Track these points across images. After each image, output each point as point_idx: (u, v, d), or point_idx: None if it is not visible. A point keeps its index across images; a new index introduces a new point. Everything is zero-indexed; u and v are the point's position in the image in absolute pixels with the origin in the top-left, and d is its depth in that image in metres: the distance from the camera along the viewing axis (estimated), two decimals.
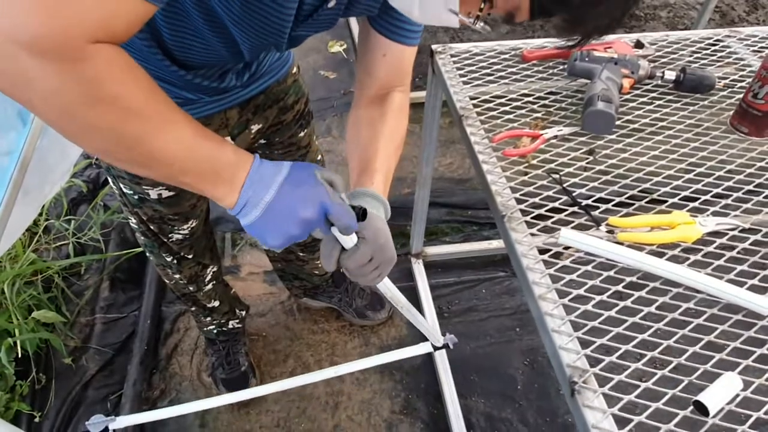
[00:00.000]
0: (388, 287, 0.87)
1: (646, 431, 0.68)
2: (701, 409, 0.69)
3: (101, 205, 1.98)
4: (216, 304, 1.44)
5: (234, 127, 1.00)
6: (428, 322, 1.20)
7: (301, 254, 1.49)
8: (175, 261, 1.23)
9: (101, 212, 1.95)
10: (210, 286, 1.37)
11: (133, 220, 1.14)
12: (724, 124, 1.11)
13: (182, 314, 1.74)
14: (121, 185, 1.02)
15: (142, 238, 1.19)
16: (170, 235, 1.15)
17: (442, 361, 1.56)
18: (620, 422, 0.68)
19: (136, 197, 1.04)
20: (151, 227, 1.12)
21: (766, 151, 1.05)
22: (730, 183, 0.99)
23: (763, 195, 0.97)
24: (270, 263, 1.63)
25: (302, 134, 1.17)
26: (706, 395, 0.69)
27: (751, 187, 0.98)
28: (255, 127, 1.05)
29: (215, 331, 1.52)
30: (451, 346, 1.29)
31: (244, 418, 1.50)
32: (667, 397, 0.71)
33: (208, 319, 1.48)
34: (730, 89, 1.20)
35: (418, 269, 1.81)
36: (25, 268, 1.68)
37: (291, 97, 1.09)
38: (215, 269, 1.37)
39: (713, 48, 1.33)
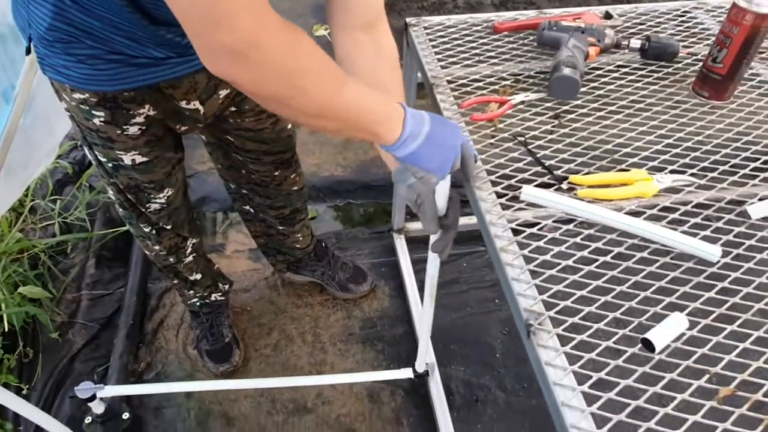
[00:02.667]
0: None
1: (596, 367, 0.71)
2: (648, 346, 0.73)
3: (86, 185, 2.00)
4: (198, 277, 1.47)
5: (202, 91, 1.02)
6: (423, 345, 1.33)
7: (281, 227, 1.51)
8: (153, 231, 1.26)
9: (87, 192, 1.97)
10: (191, 258, 1.40)
11: (111, 191, 1.16)
12: (686, 90, 1.15)
13: (168, 290, 1.77)
14: (97, 153, 1.05)
15: (121, 209, 1.21)
16: (147, 205, 1.17)
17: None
18: (572, 359, 0.72)
19: (110, 165, 1.06)
20: (129, 196, 1.15)
21: (726, 114, 1.09)
22: (689, 144, 1.02)
23: (720, 154, 1.01)
24: (253, 240, 1.66)
25: None
26: (653, 333, 0.73)
27: (709, 147, 1.02)
28: (223, 93, 1.07)
29: (198, 304, 1.55)
30: (430, 374, 1.43)
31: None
32: (617, 337, 0.75)
33: (191, 292, 1.51)
34: (694, 57, 1.23)
35: (400, 244, 1.85)
36: (11, 245, 1.70)
37: None
38: (195, 242, 1.39)
39: (680, 19, 1.36)
